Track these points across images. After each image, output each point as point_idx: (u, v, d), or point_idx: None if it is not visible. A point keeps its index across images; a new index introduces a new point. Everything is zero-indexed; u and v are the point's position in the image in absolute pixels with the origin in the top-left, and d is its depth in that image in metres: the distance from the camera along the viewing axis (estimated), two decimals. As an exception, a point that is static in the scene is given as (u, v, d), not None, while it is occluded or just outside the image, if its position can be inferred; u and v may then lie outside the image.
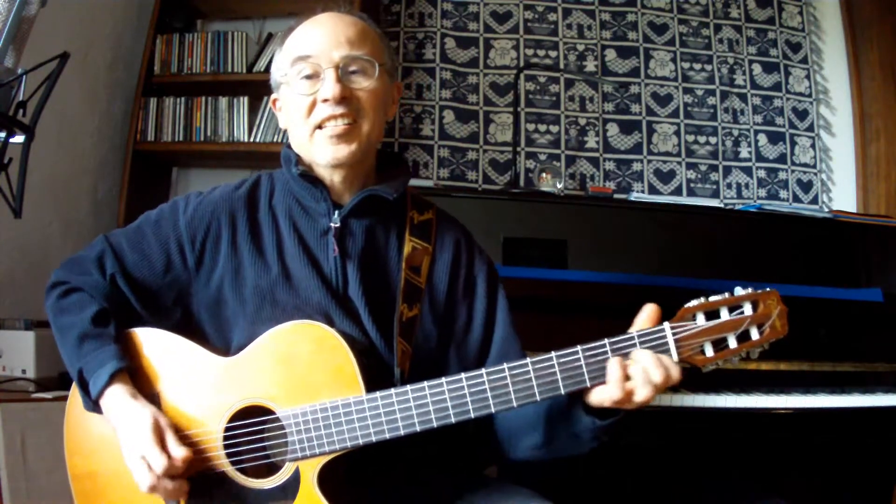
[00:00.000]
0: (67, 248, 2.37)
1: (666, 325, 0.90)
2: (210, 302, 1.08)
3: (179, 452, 0.95)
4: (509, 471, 1.34)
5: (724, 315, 0.90)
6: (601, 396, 0.90)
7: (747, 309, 0.90)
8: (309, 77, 1.04)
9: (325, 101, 1.02)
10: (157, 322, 1.08)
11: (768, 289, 0.91)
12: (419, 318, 1.08)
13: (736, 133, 2.84)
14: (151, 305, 1.09)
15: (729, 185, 2.80)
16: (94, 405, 1.00)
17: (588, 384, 0.90)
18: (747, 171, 2.82)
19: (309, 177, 1.07)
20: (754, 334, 0.90)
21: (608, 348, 0.91)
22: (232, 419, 1.00)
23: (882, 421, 1.82)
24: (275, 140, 2.56)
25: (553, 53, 2.84)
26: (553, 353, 0.91)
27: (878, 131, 2.76)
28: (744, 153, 2.83)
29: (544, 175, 2.63)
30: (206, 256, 1.08)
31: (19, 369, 1.88)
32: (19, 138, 1.30)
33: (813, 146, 2.86)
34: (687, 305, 0.91)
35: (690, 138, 2.82)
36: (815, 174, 2.85)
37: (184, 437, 0.99)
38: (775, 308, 0.90)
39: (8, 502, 1.59)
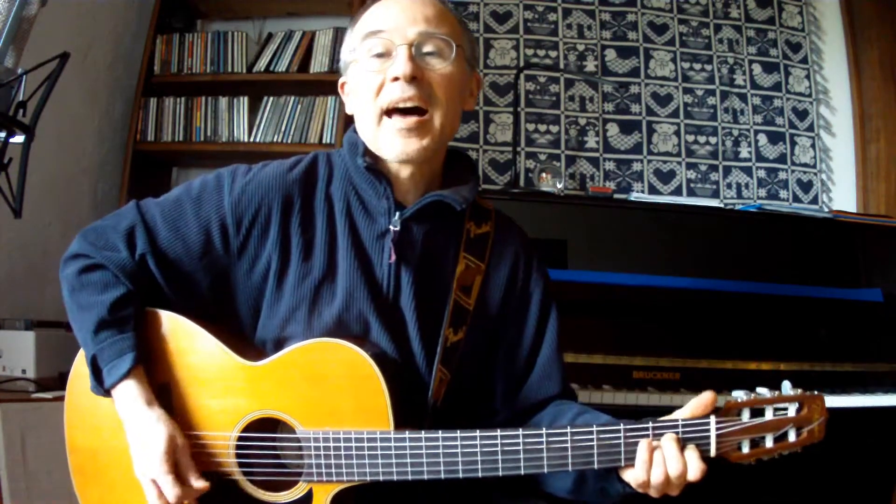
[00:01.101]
0: (67, 248, 2.36)
1: (712, 418, 0.87)
2: (247, 291, 1.00)
3: (197, 484, 0.91)
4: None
5: (769, 414, 0.88)
6: (629, 477, 0.88)
7: (791, 410, 0.89)
8: (380, 56, 0.96)
9: (395, 79, 0.93)
10: (185, 303, 1.00)
11: (816, 392, 0.90)
12: (462, 344, 1.01)
13: (736, 133, 2.84)
14: (182, 289, 1.00)
15: (729, 185, 2.80)
16: (104, 392, 0.95)
17: (622, 464, 0.87)
18: (747, 171, 2.82)
19: (374, 170, 0.98)
20: (791, 436, 0.89)
21: (650, 432, 0.87)
22: (247, 427, 0.96)
23: (882, 421, 1.83)
24: (275, 140, 2.56)
25: (553, 53, 2.84)
26: (595, 427, 0.87)
27: (878, 131, 2.76)
28: (744, 153, 2.83)
29: (544, 175, 2.63)
30: (251, 242, 0.99)
31: (19, 369, 1.88)
32: (19, 138, 1.30)
33: (813, 146, 2.86)
34: (735, 398, 0.88)
35: (690, 138, 2.82)
36: (815, 174, 2.85)
37: (194, 436, 0.96)
38: (819, 415, 0.90)
39: (8, 502, 1.59)
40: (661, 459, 0.85)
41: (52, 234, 2.33)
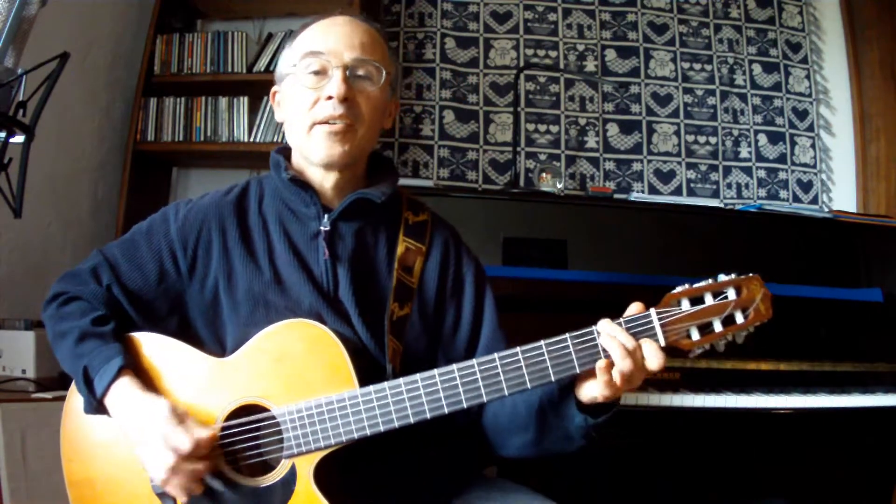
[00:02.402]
0: (67, 248, 2.37)
1: (652, 310, 0.92)
2: (204, 307, 1.09)
3: (203, 433, 0.96)
4: (510, 470, 1.34)
5: (709, 300, 0.92)
6: (591, 388, 0.92)
7: (731, 294, 0.92)
8: (317, 73, 1.06)
9: (329, 98, 1.04)
10: (153, 329, 1.09)
11: (751, 274, 0.94)
12: (410, 317, 1.09)
13: (736, 133, 2.84)
14: (147, 314, 1.09)
15: (729, 185, 2.81)
16: (97, 405, 1.00)
17: (578, 370, 0.92)
18: (747, 171, 2.82)
19: (299, 181, 1.08)
20: (739, 318, 0.92)
21: (595, 333, 0.92)
22: (228, 418, 1.01)
23: (882, 421, 1.83)
24: (275, 140, 2.56)
25: (553, 53, 2.84)
26: (542, 342, 0.93)
27: (878, 131, 2.77)
28: (744, 153, 2.83)
29: (544, 175, 2.63)
30: (198, 262, 1.09)
31: (19, 369, 1.88)
32: (19, 138, 1.30)
33: (813, 146, 2.86)
34: (672, 292, 0.93)
35: (690, 138, 2.82)
36: (815, 174, 2.85)
37: None
38: (759, 292, 0.92)
39: (8, 502, 1.59)
40: (617, 345, 0.90)
41: (52, 234, 2.33)
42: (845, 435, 1.88)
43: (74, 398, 1.05)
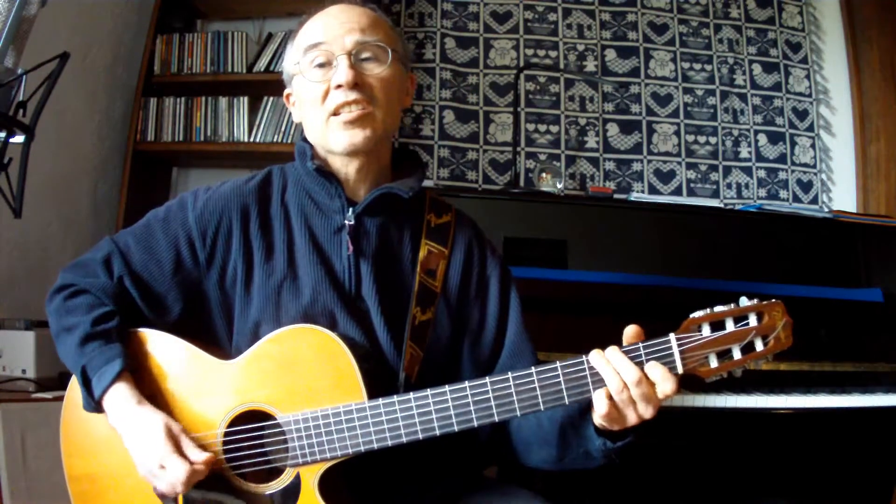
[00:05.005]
0: (67, 248, 2.37)
1: (671, 336, 0.89)
2: (220, 302, 1.07)
3: (200, 456, 0.94)
4: (510, 472, 1.34)
5: (730, 326, 0.89)
6: (599, 416, 0.89)
7: (752, 320, 0.89)
8: (322, 65, 1.04)
9: (339, 86, 1.01)
10: (162, 321, 1.06)
11: (773, 300, 0.90)
12: (432, 322, 1.06)
13: (736, 133, 2.84)
14: (157, 307, 1.06)
15: (729, 185, 2.81)
16: (96, 405, 0.98)
17: (592, 394, 0.89)
18: (747, 171, 2.82)
19: (324, 172, 1.05)
20: (759, 345, 0.89)
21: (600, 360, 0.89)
22: (232, 423, 0.99)
23: (882, 421, 1.82)
24: (275, 140, 2.56)
25: (553, 53, 2.84)
26: (558, 363, 0.90)
27: (878, 131, 2.77)
28: (744, 153, 2.83)
29: (544, 175, 2.63)
30: (217, 252, 1.06)
31: (19, 369, 1.88)
32: (19, 138, 1.30)
33: (813, 146, 2.86)
34: (692, 316, 0.89)
35: (690, 138, 2.82)
36: (815, 174, 2.85)
37: None
38: (780, 319, 0.89)
39: (8, 502, 1.59)
40: (614, 370, 0.87)
41: (52, 234, 2.33)
42: (845, 435, 1.87)
43: (75, 391, 1.03)
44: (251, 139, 2.58)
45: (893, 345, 1.89)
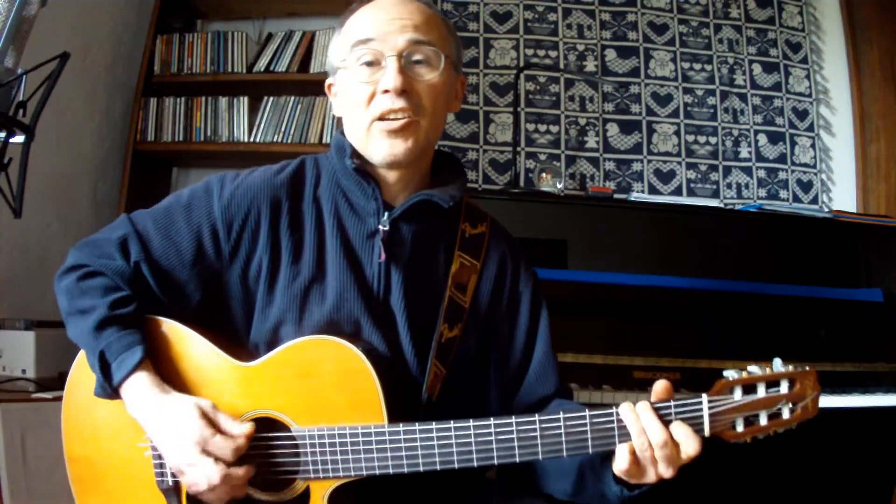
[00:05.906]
0: (67, 248, 2.35)
1: (704, 397, 0.86)
2: (240, 296, 1.01)
3: (242, 428, 0.90)
4: (509, 476, 1.34)
5: (761, 391, 0.87)
6: (619, 465, 0.86)
7: (784, 387, 0.88)
8: (369, 64, 0.97)
9: (386, 91, 0.95)
10: (178, 309, 1.00)
11: (808, 367, 0.89)
12: (458, 340, 1.02)
13: (736, 133, 2.84)
14: (175, 296, 1.00)
15: (729, 185, 2.80)
16: (112, 392, 0.93)
17: (616, 447, 0.86)
18: (747, 171, 2.82)
19: (362, 171, 0.99)
20: (785, 413, 0.88)
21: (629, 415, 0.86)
22: None
23: (882, 421, 1.83)
24: (275, 140, 2.57)
25: (553, 53, 2.84)
26: (587, 412, 0.87)
27: (878, 131, 2.77)
28: (744, 153, 2.83)
29: (544, 175, 2.63)
30: (242, 246, 1.00)
31: (19, 369, 1.88)
32: (19, 138, 1.30)
33: (813, 146, 2.86)
34: (726, 377, 0.88)
35: (690, 138, 2.82)
36: (815, 174, 2.85)
37: None
38: (811, 389, 0.88)
39: (8, 502, 1.59)
40: (641, 428, 0.84)
41: (52, 234, 2.33)
42: (845, 435, 1.87)
43: (82, 373, 0.98)
44: (251, 139, 2.58)
45: (893, 345, 1.89)
